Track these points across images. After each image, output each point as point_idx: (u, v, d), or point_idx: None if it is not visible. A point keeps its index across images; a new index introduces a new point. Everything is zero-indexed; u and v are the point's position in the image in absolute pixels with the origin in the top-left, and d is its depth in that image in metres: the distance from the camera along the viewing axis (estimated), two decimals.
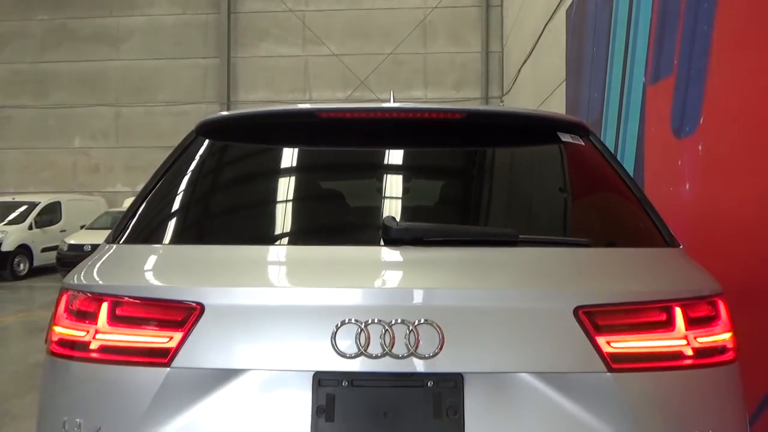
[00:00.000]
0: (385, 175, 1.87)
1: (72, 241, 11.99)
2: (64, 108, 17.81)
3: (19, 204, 13.37)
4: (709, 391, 1.51)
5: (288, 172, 1.92)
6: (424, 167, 1.97)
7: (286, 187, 1.88)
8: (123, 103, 17.75)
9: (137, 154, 17.04)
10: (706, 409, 1.49)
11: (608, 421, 1.44)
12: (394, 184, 1.85)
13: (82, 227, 13.15)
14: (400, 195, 1.84)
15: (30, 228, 12.88)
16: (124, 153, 17.49)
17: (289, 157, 1.93)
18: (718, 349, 1.52)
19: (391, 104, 1.94)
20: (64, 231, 13.29)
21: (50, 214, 13.49)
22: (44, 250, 12.93)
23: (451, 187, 1.96)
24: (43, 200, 13.56)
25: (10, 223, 12.75)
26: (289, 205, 1.84)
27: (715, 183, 3.88)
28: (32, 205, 13.25)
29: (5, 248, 12.13)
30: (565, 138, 1.92)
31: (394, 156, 1.91)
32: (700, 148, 4.25)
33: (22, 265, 12.57)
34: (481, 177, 1.98)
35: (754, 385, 2.98)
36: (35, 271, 12.73)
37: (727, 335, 1.54)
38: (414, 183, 1.91)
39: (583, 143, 1.94)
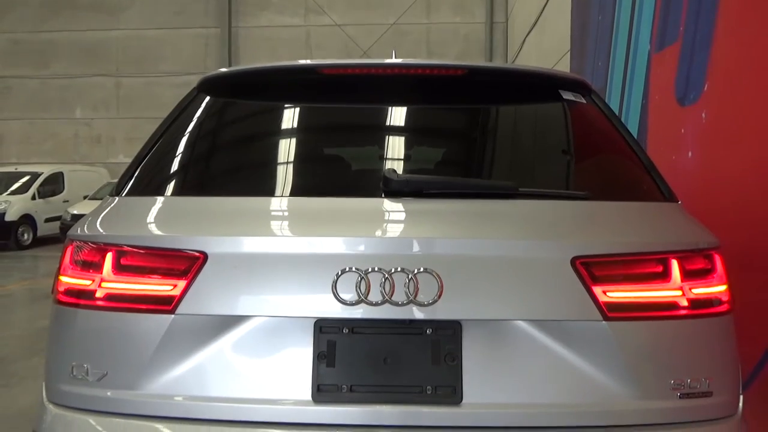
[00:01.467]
0: (386, 130, 1.88)
1: (75, 212, 12.04)
2: (64, 78, 17.71)
3: (22, 174, 13.39)
4: (703, 341, 1.54)
5: (289, 126, 1.92)
6: (425, 122, 1.97)
7: (287, 141, 1.89)
8: (124, 73, 17.63)
9: (139, 125, 16.97)
10: (699, 358, 1.53)
11: (603, 368, 1.47)
12: (395, 138, 1.86)
13: (85, 198, 13.18)
14: (401, 148, 1.85)
15: (33, 198, 12.92)
16: (125, 124, 17.43)
17: (290, 111, 1.93)
18: (713, 301, 1.54)
19: (393, 60, 1.94)
20: (67, 201, 13.33)
21: (53, 185, 13.51)
22: (48, 220, 12.99)
23: (452, 142, 1.97)
24: (46, 170, 13.57)
25: (13, 193, 12.79)
26: (291, 158, 1.85)
27: (718, 151, 3.88)
28: (35, 176, 13.26)
29: (9, 218, 12.19)
30: (567, 96, 1.92)
31: (396, 111, 1.91)
32: (703, 115, 4.23)
33: (26, 235, 12.65)
34: (482, 132, 1.98)
35: (755, 342, 3.03)
36: (39, 241, 12.81)
37: (722, 288, 1.56)
38: (415, 137, 1.92)
39: (584, 101, 1.94)
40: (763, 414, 2.95)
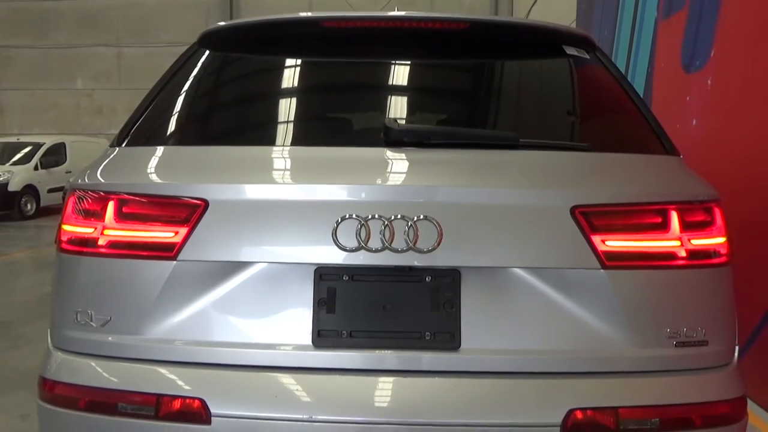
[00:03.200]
0: (388, 81, 1.87)
1: None
2: (65, 48, 17.55)
3: (24, 145, 13.36)
4: (700, 292, 1.55)
5: (290, 78, 1.92)
6: (427, 74, 1.96)
7: (288, 93, 1.89)
8: (125, 43, 17.47)
9: (140, 95, 16.37)
10: (696, 308, 1.54)
11: (600, 315, 1.48)
12: (396, 90, 1.85)
13: None
14: (402, 99, 1.85)
15: (36, 168, 12.91)
16: (127, 95, 17.31)
17: (291, 63, 1.92)
18: (711, 253, 1.55)
19: (395, 13, 1.92)
20: (70, 172, 13.32)
21: (55, 155, 13.49)
22: (50, 190, 13.01)
23: (454, 94, 1.96)
24: (48, 141, 13.54)
25: (16, 163, 12.78)
26: (292, 108, 1.84)
27: (723, 117, 3.85)
28: (37, 146, 13.24)
29: (12, 188, 12.21)
30: (571, 51, 1.90)
31: (398, 63, 1.90)
32: (709, 82, 4.19)
33: (29, 205, 12.68)
34: (484, 85, 1.97)
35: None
36: (42, 212, 12.85)
37: (721, 240, 1.56)
38: (417, 89, 1.91)
39: (588, 57, 1.92)
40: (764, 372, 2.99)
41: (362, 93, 1.90)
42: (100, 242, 1.56)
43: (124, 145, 1.75)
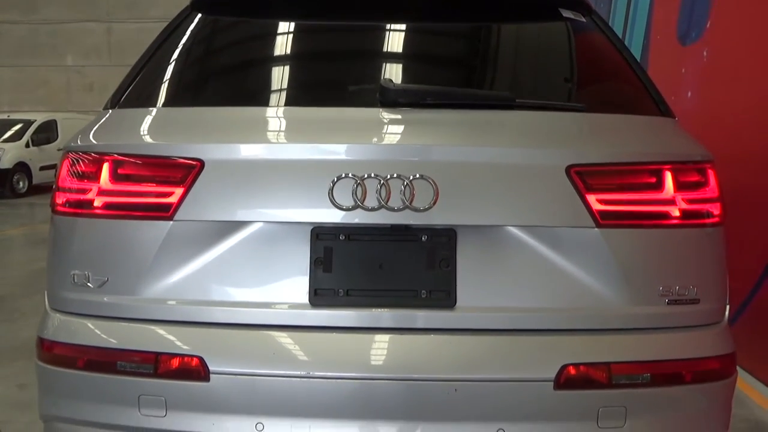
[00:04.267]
0: (383, 41, 1.86)
1: None
2: (54, 24, 17.27)
3: (15, 122, 13.22)
4: (692, 251, 1.57)
5: (285, 39, 1.90)
6: (423, 36, 1.95)
7: (283, 53, 1.88)
8: (115, 18, 17.19)
9: None
10: (688, 267, 1.56)
11: (594, 274, 1.50)
12: (392, 50, 1.84)
13: None
14: (398, 59, 1.84)
15: (27, 146, 12.80)
16: (118, 72, 16.95)
17: (285, 24, 1.90)
18: (704, 213, 1.56)
19: None
20: (61, 150, 13.16)
21: (47, 133, 13.36)
22: (42, 168, 12.91)
23: (449, 54, 1.95)
24: (39, 118, 13.40)
25: (7, 140, 12.66)
26: (287, 69, 1.83)
27: (719, 89, 3.85)
28: (28, 123, 13.11)
29: (3, 165, 12.11)
30: (567, 14, 1.90)
31: (394, 24, 1.88)
32: (704, 54, 4.18)
33: (21, 183, 12.60)
34: (480, 46, 1.96)
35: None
36: (34, 189, 12.77)
37: (714, 201, 1.58)
38: (413, 49, 1.90)
39: (584, 20, 1.91)
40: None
41: (358, 54, 1.89)
42: (96, 204, 1.55)
43: (117, 107, 1.73)
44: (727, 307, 1.64)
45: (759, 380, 3.20)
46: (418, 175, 1.46)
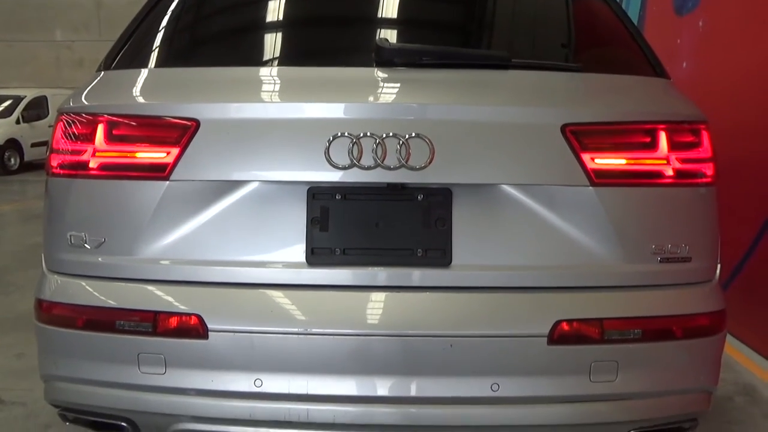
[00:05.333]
0: (379, 2, 1.85)
1: None
2: None
3: (4, 98, 13.05)
4: (685, 210, 1.58)
5: None
6: None
7: (278, 12, 1.86)
8: None
9: None
10: (680, 226, 1.58)
11: (587, 232, 1.52)
12: (388, 9, 1.83)
13: None
14: (394, 19, 1.83)
15: (18, 122, 12.66)
16: (108, 47, 16.71)
17: None
18: (697, 173, 1.58)
19: None
20: (52, 126, 13.04)
21: (37, 109, 13.21)
22: (34, 145, 12.78)
23: (446, 15, 1.94)
24: (29, 94, 13.23)
25: None
26: (283, 29, 1.82)
27: (714, 59, 3.85)
28: (18, 99, 12.94)
29: None
30: None
31: None
32: (700, 24, 4.17)
33: (12, 160, 12.48)
34: (476, 6, 1.95)
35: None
36: (26, 167, 12.66)
37: (707, 161, 1.59)
38: (409, 9, 1.89)
39: None
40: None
41: (353, 14, 1.87)
42: (92, 165, 1.55)
43: (111, 68, 1.72)
44: (719, 266, 1.66)
45: (748, 347, 3.26)
46: (413, 134, 1.46)
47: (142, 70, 1.69)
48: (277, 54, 1.77)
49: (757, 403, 2.72)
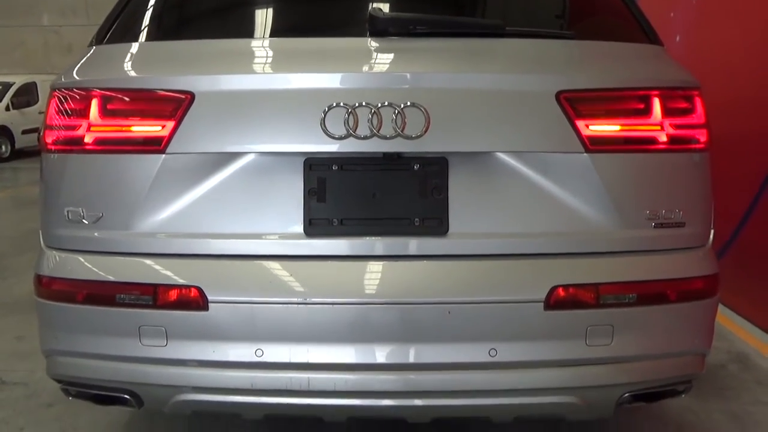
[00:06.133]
0: None
1: None
2: None
3: None
4: (679, 176, 1.60)
5: None
6: None
7: None
8: None
9: None
10: (674, 192, 1.59)
11: (583, 198, 1.53)
12: None
13: None
14: None
15: (7, 109, 12.51)
16: None
17: None
18: (691, 139, 1.59)
19: None
20: (43, 113, 12.87)
21: (27, 96, 13.05)
22: (24, 132, 12.66)
23: None
24: (18, 80, 13.07)
25: None
26: (275, 0, 1.81)
27: (707, 32, 3.84)
28: (7, 86, 12.77)
29: None
30: None
31: None
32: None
33: (3, 147, 12.35)
34: None
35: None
36: (17, 154, 12.54)
37: (701, 127, 1.60)
38: None
39: None
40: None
41: None
42: (87, 140, 1.55)
43: (103, 42, 1.71)
44: (712, 231, 1.68)
45: (741, 316, 3.31)
46: (409, 103, 1.46)
47: (135, 43, 1.68)
48: (271, 25, 1.76)
49: (749, 369, 2.77)
